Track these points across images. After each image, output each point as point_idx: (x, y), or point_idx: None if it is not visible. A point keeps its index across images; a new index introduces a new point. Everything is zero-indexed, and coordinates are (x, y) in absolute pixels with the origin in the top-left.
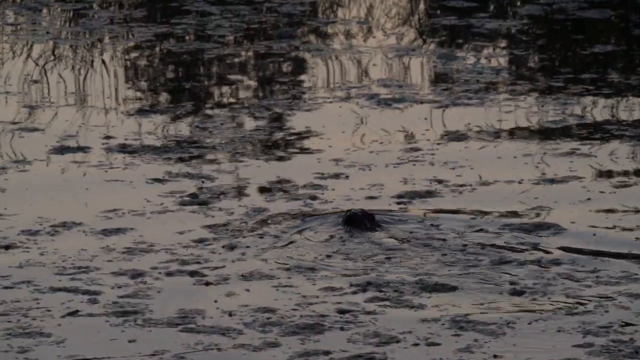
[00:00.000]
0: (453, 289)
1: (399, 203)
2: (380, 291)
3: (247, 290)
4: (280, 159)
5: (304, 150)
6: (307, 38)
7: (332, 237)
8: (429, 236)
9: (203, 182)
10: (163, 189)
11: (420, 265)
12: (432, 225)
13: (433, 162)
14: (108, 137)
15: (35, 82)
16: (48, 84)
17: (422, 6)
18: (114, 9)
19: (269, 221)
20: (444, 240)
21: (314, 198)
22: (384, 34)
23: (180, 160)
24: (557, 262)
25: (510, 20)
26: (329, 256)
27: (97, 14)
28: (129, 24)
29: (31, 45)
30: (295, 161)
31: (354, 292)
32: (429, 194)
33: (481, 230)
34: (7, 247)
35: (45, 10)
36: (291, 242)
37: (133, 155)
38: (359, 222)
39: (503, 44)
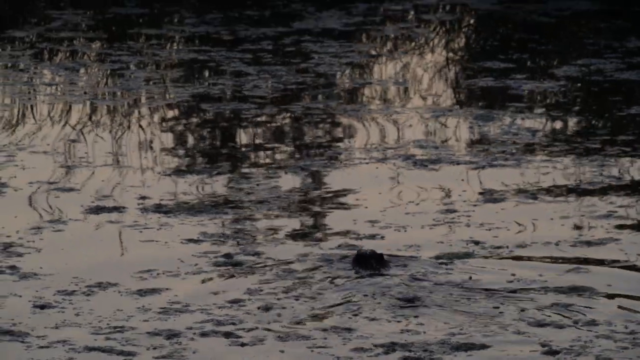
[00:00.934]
0: (484, 347)
1: (440, 264)
2: (410, 351)
3: (282, 351)
4: (316, 219)
5: (339, 211)
6: (343, 99)
7: (354, 290)
8: (452, 292)
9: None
10: (198, 249)
11: (447, 321)
12: (465, 286)
13: (469, 223)
14: (143, 197)
15: (73, 141)
16: (85, 143)
17: (458, 67)
18: (151, 69)
19: (304, 281)
20: (468, 299)
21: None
22: (420, 95)
23: (215, 220)
24: (593, 323)
25: (547, 81)
26: (355, 314)
27: (134, 74)
28: (166, 84)
29: (68, 105)
30: (330, 222)
31: (386, 353)
32: (467, 255)
33: (515, 291)
34: (42, 307)
35: (82, 70)
36: (326, 302)
37: (168, 215)
38: (366, 262)
39: (540, 105)
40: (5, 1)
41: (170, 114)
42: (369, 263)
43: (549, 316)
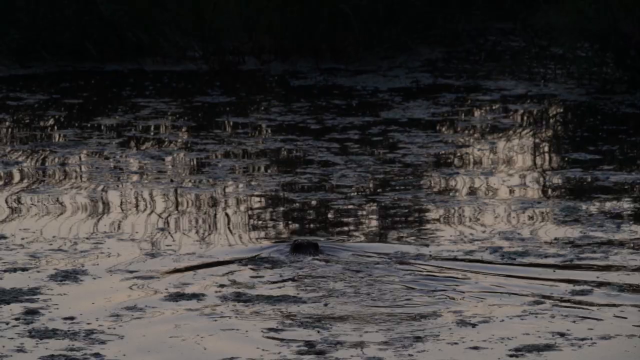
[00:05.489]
0: None
1: (511, 355)
2: None
3: None
4: (401, 311)
5: (425, 307)
6: (431, 189)
7: None
8: None
9: None
10: (278, 337)
11: None
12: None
13: (555, 314)
14: (222, 286)
15: (159, 230)
16: (170, 231)
17: (546, 158)
18: (237, 157)
19: None
20: None
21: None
22: (507, 186)
23: (297, 309)
24: None
25: (635, 173)
26: None
27: (220, 163)
28: (252, 173)
29: (155, 193)
30: (417, 315)
31: None
32: (548, 347)
33: None
34: None
35: (168, 158)
36: None
37: (247, 304)
38: (304, 249)
39: (628, 197)
40: (92, 89)
41: (257, 203)
42: (308, 251)
43: None
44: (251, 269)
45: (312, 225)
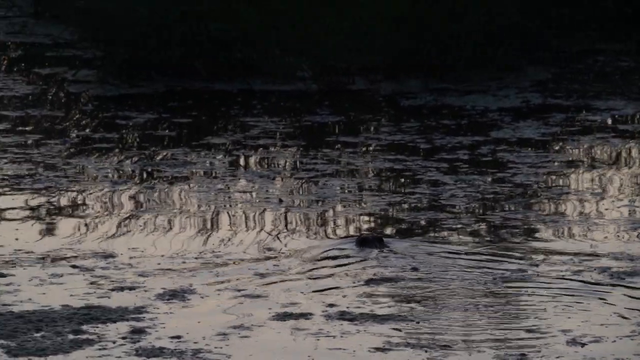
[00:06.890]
0: None
1: None
2: None
3: None
4: (508, 333)
5: (533, 325)
6: (540, 209)
7: None
8: None
9: None
10: (386, 358)
11: None
12: None
13: None
14: (331, 305)
15: (267, 249)
16: (279, 251)
17: None
18: (346, 177)
19: None
20: None
21: None
22: (617, 205)
23: (404, 328)
24: None
25: None
26: None
27: (328, 182)
28: (362, 192)
29: (263, 213)
30: (523, 338)
31: None
32: None
33: None
34: None
35: (277, 178)
36: None
37: (353, 322)
38: (370, 243)
39: None
40: (200, 108)
41: (366, 223)
42: (373, 244)
43: None
44: (357, 286)
45: (420, 240)
